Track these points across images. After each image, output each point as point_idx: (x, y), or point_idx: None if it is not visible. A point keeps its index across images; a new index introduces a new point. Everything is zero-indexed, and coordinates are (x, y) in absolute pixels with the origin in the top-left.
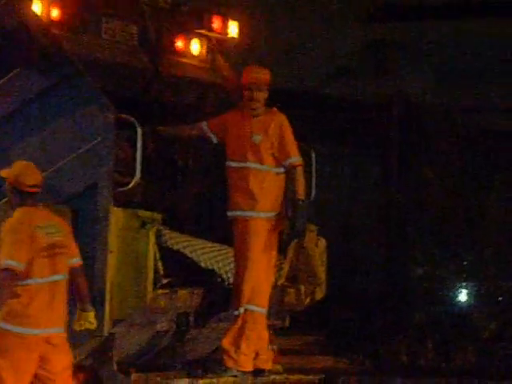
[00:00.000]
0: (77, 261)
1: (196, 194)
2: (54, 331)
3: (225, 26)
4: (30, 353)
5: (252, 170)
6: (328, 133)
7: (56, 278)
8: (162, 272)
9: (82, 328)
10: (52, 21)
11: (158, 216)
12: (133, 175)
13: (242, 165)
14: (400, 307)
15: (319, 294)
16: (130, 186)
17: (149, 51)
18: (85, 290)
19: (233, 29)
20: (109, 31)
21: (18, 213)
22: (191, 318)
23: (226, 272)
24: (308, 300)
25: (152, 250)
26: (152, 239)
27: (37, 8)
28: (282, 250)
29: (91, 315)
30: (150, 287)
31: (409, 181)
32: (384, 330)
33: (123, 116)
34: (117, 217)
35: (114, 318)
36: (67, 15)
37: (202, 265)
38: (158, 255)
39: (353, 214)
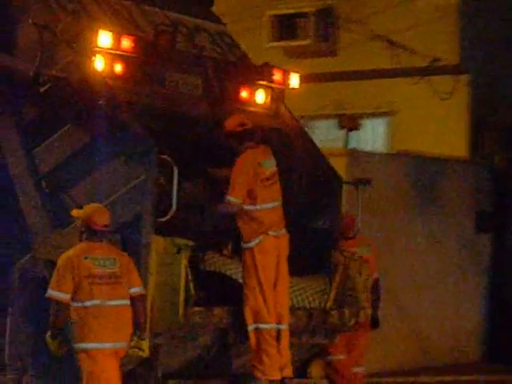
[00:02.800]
0: (135, 290)
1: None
2: (119, 345)
3: (286, 77)
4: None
5: None
6: None
7: (115, 302)
8: (192, 291)
9: (134, 354)
10: (116, 75)
11: (190, 242)
12: (169, 207)
13: None
14: None
15: (362, 317)
16: (168, 216)
17: (212, 101)
18: (141, 318)
19: (294, 80)
20: (171, 83)
21: (76, 246)
22: (231, 334)
23: None
24: (352, 321)
25: (184, 272)
26: (184, 262)
27: (100, 64)
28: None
29: (145, 344)
30: (182, 305)
31: None
32: None
33: (163, 157)
34: (157, 244)
35: (153, 331)
36: (130, 69)
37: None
38: (190, 276)
39: None
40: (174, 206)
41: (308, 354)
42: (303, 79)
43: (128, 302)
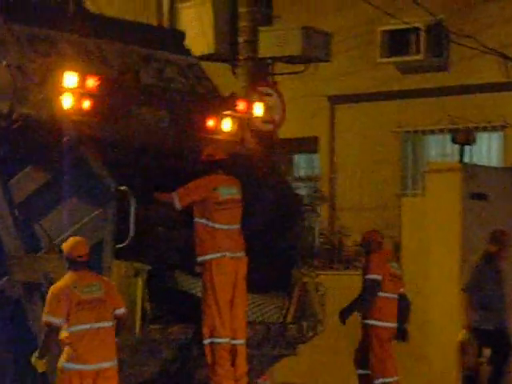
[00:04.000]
0: (119, 312)
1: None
2: (104, 365)
3: (250, 107)
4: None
5: None
6: None
7: (101, 325)
8: (149, 311)
9: None
10: (84, 111)
11: (147, 266)
12: (127, 234)
13: None
14: None
15: (320, 329)
16: (126, 242)
17: (178, 132)
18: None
19: (257, 109)
20: (138, 117)
21: (65, 277)
22: (191, 349)
23: None
24: (310, 333)
25: (140, 293)
26: (141, 284)
27: (68, 102)
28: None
29: None
30: (138, 323)
31: None
32: None
33: (122, 189)
34: (118, 267)
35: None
36: (97, 106)
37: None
38: (146, 297)
39: None
40: (132, 233)
41: (270, 364)
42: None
43: (111, 323)
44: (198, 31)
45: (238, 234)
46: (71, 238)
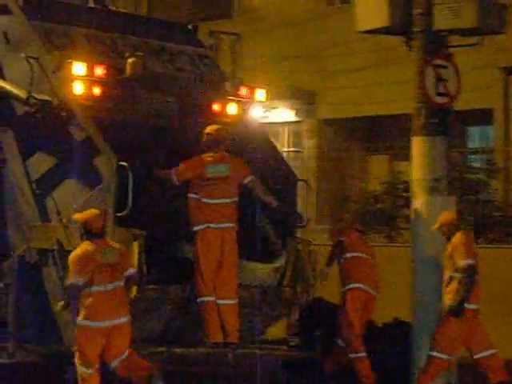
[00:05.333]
0: (129, 272)
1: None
2: (118, 322)
3: (252, 92)
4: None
5: None
6: None
7: (115, 284)
8: (145, 272)
9: None
10: (94, 97)
11: (143, 232)
12: (126, 205)
13: None
14: None
15: (312, 293)
16: (125, 212)
17: (184, 114)
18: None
19: (260, 94)
20: (147, 101)
21: (82, 245)
22: (189, 307)
23: None
24: (305, 296)
25: (137, 255)
26: (137, 248)
27: (79, 88)
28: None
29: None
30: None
31: None
32: None
33: (122, 164)
34: (119, 233)
35: None
36: (107, 91)
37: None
38: (142, 260)
39: None
40: (130, 203)
41: (270, 324)
42: None
43: (123, 283)
44: (373, 5)
45: (225, 207)
46: (88, 211)
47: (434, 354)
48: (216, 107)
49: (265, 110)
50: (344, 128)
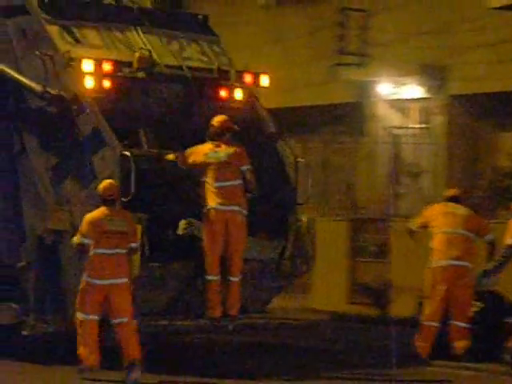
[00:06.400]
0: (133, 245)
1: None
2: (117, 281)
3: (257, 79)
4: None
5: None
6: None
7: (118, 250)
8: (147, 252)
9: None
10: (105, 90)
11: (146, 216)
12: (130, 191)
13: None
14: None
15: (312, 264)
16: (129, 197)
17: (191, 101)
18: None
19: (264, 80)
20: (156, 91)
21: (99, 209)
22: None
23: None
24: (304, 268)
25: (140, 236)
26: (140, 230)
27: (89, 83)
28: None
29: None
30: (137, 261)
31: None
32: None
33: (125, 153)
34: None
35: None
36: (117, 85)
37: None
38: (145, 240)
39: None
40: (133, 190)
41: (273, 294)
42: None
43: (126, 251)
44: None
45: (229, 190)
46: (104, 181)
47: None
48: (223, 93)
49: (394, 87)
50: (474, 104)
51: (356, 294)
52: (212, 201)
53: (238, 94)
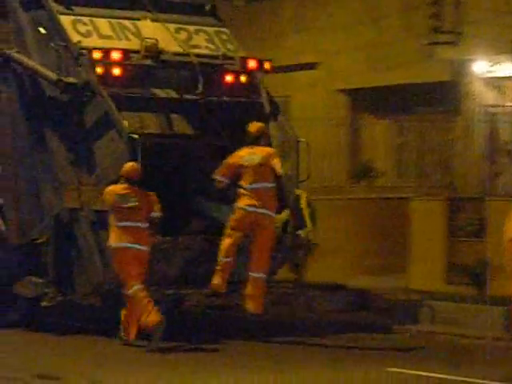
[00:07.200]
0: (153, 215)
1: None
2: (138, 247)
3: (260, 64)
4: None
5: None
6: None
7: (135, 224)
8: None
9: None
10: (114, 77)
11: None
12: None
13: None
14: None
15: (311, 236)
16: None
17: (197, 86)
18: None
19: (266, 66)
20: (163, 78)
21: (118, 185)
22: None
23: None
24: (305, 241)
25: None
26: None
27: (99, 71)
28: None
29: None
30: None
31: None
32: None
33: (133, 136)
34: None
35: None
36: (126, 72)
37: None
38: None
39: None
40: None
41: (278, 266)
42: None
43: (142, 224)
44: None
45: (260, 192)
46: (128, 163)
47: None
48: (229, 78)
49: (489, 65)
50: None
51: (453, 274)
52: (242, 202)
53: (244, 79)
